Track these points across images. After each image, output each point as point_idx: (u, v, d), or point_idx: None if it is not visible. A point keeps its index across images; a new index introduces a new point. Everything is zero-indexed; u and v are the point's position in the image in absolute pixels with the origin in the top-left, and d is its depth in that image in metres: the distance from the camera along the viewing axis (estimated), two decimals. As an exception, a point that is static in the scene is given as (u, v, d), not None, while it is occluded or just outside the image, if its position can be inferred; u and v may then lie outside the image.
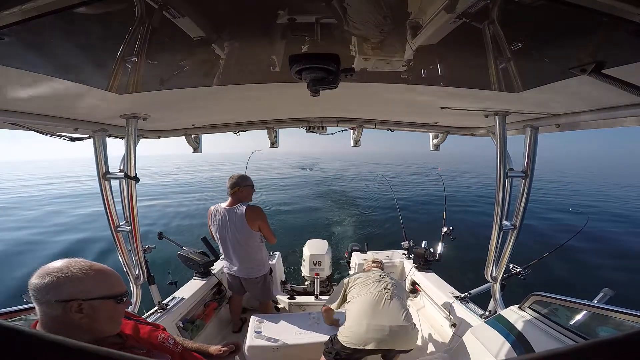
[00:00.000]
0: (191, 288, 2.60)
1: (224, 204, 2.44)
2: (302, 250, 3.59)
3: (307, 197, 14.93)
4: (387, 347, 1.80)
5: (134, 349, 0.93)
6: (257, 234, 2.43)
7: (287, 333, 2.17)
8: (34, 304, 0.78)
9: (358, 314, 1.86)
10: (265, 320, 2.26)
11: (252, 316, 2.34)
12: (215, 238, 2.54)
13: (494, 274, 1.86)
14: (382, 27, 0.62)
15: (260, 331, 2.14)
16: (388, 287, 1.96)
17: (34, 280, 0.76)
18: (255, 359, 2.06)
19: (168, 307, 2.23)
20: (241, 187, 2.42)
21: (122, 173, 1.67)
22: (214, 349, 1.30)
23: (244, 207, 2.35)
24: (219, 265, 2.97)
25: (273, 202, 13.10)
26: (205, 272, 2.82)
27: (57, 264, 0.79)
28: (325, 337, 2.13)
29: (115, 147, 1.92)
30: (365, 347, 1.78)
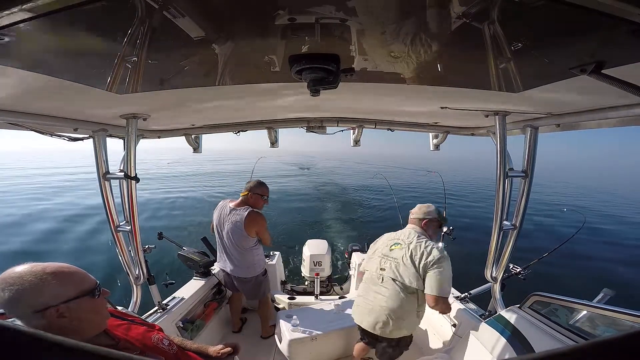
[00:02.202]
0: (191, 288, 2.60)
1: (232, 203, 2.47)
2: (302, 251, 3.60)
3: (307, 198, 14.93)
4: (370, 330, 1.83)
5: (127, 351, 0.93)
6: (252, 239, 2.44)
7: (319, 323, 2.31)
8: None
9: (360, 289, 1.96)
10: (294, 315, 2.37)
11: (278, 312, 2.48)
12: (213, 230, 2.57)
13: (494, 274, 1.86)
14: (383, 27, 0.62)
15: (298, 324, 2.25)
16: (384, 267, 1.87)
17: None
18: (295, 352, 2.16)
19: (168, 307, 2.23)
20: (252, 193, 2.45)
21: (122, 173, 1.67)
22: (213, 350, 1.30)
23: (246, 213, 2.36)
24: (219, 265, 2.99)
25: (272, 203, 13.09)
26: (205, 272, 2.82)
27: (11, 274, 0.75)
28: (353, 322, 2.26)
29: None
30: (360, 325, 1.89)
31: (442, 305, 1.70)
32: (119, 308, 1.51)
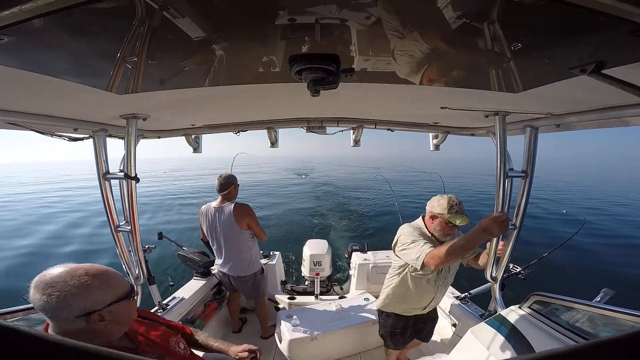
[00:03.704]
0: (191, 288, 2.60)
1: (214, 203, 2.47)
2: (302, 251, 3.60)
3: (307, 200, 14.93)
4: None
5: (146, 354, 0.93)
6: (247, 233, 2.45)
7: (319, 323, 2.32)
8: (48, 319, 0.75)
9: None
10: (294, 315, 2.37)
11: (278, 312, 2.48)
12: (205, 236, 2.58)
13: (494, 274, 1.86)
14: (383, 28, 0.62)
15: (298, 324, 2.26)
16: None
17: (38, 296, 0.73)
18: (295, 352, 2.17)
19: (168, 307, 2.23)
20: (235, 185, 2.48)
21: (122, 173, 1.67)
22: (234, 351, 1.27)
23: (232, 206, 2.38)
24: (217, 268, 2.99)
25: (272, 204, 13.13)
26: (205, 272, 2.82)
27: (54, 277, 0.75)
28: (354, 321, 2.33)
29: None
30: None
31: (431, 263, 1.49)
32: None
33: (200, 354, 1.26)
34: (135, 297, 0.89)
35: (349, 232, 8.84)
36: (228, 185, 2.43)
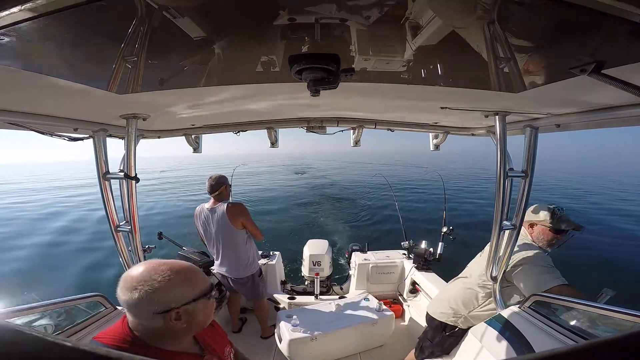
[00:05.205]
0: None
1: (207, 205, 2.46)
2: (302, 251, 3.60)
3: (306, 199, 14.92)
4: None
5: None
6: (242, 232, 2.44)
7: (319, 323, 2.31)
8: (129, 315, 0.76)
9: None
10: (294, 315, 2.37)
11: (278, 312, 2.48)
12: (202, 238, 2.57)
13: (494, 274, 1.86)
14: (383, 27, 0.62)
15: (298, 324, 2.25)
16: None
17: (123, 296, 0.73)
18: (295, 352, 2.17)
19: None
20: (226, 185, 2.48)
21: (122, 173, 1.67)
22: None
23: (225, 206, 2.37)
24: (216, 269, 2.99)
25: (271, 204, 13.12)
26: (205, 272, 2.81)
27: (138, 273, 0.75)
28: (354, 321, 2.34)
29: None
30: None
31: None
32: None
33: None
34: (212, 296, 0.84)
35: (349, 231, 8.84)
36: (218, 186, 2.43)
